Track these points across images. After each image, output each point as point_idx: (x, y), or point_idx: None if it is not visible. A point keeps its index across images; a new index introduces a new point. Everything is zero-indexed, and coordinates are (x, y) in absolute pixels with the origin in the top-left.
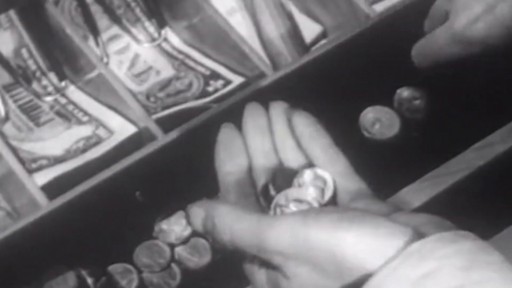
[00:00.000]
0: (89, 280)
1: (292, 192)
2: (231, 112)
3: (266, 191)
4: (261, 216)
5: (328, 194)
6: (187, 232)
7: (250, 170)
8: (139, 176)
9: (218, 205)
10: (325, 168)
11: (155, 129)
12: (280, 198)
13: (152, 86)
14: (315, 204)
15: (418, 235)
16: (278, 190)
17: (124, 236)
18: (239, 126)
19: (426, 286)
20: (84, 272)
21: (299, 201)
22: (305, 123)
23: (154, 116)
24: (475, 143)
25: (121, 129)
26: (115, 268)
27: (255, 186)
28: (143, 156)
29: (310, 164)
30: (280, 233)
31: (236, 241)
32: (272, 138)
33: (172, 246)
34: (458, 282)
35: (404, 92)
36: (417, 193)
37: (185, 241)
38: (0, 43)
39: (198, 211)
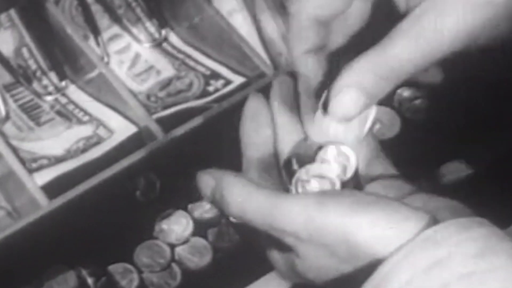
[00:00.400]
0: (90, 280)
1: (314, 168)
2: (232, 112)
3: (289, 165)
4: (273, 194)
5: (351, 172)
6: (188, 232)
7: (274, 142)
8: (139, 176)
9: (229, 177)
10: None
11: (155, 128)
12: (302, 173)
13: (153, 86)
14: (337, 181)
15: (433, 220)
16: (301, 164)
17: (124, 236)
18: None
19: (437, 272)
20: (84, 272)
21: (321, 177)
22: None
23: (155, 116)
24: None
25: (122, 129)
26: (115, 268)
27: (278, 159)
28: (143, 156)
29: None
30: (293, 215)
31: (246, 217)
32: (298, 112)
33: (172, 246)
34: (470, 269)
35: (405, 92)
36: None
37: (185, 241)
38: (1, 42)
39: (207, 179)
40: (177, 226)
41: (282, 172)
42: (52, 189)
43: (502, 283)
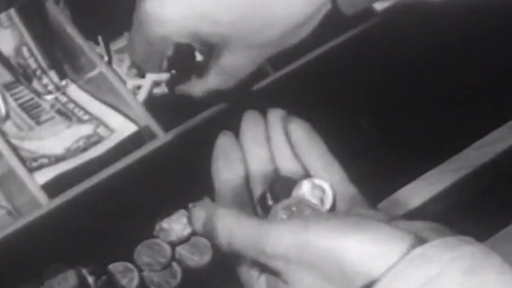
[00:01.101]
0: (90, 279)
1: (290, 202)
2: (232, 111)
3: (263, 201)
4: (262, 221)
5: (328, 203)
6: (188, 231)
7: (247, 179)
8: (139, 175)
9: (220, 208)
10: (321, 177)
11: (155, 127)
12: (278, 208)
13: None
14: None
15: (420, 240)
16: (276, 199)
17: (124, 235)
18: (239, 125)
19: None
20: (84, 271)
21: (299, 208)
22: (301, 132)
23: None
24: (475, 141)
25: (122, 127)
26: (115, 267)
27: (252, 195)
28: (143, 155)
29: (308, 174)
30: (282, 238)
31: (236, 244)
32: (269, 146)
33: (172, 245)
34: (462, 286)
35: None
36: (417, 192)
37: (185, 240)
38: (1, 41)
39: (199, 213)
40: (177, 225)
41: (256, 208)
42: (52, 188)
43: None
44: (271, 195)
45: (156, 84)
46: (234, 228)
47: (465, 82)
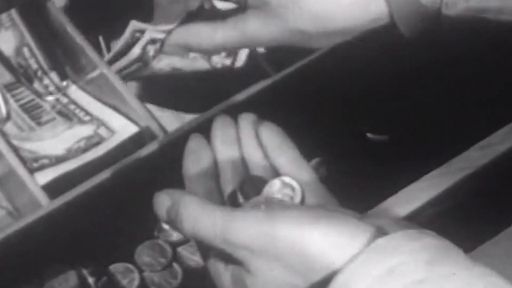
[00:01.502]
0: (90, 279)
1: (260, 200)
2: (231, 113)
3: (234, 199)
4: (227, 209)
5: (297, 201)
6: None
7: (217, 178)
8: (140, 176)
9: (185, 195)
10: (292, 176)
11: (156, 128)
12: (247, 206)
13: None
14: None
15: (383, 231)
16: (246, 198)
17: (125, 236)
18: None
19: (390, 280)
20: (85, 271)
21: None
22: (271, 134)
23: None
24: (476, 142)
25: (123, 128)
26: (116, 267)
27: (222, 194)
28: (144, 156)
29: (278, 174)
30: (246, 227)
31: (200, 232)
32: (240, 148)
33: (173, 245)
34: (422, 276)
35: None
36: (418, 192)
37: (186, 241)
38: (2, 42)
39: (164, 198)
40: None
41: (226, 206)
42: (53, 188)
43: None
44: (242, 193)
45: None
46: (199, 216)
47: (467, 84)
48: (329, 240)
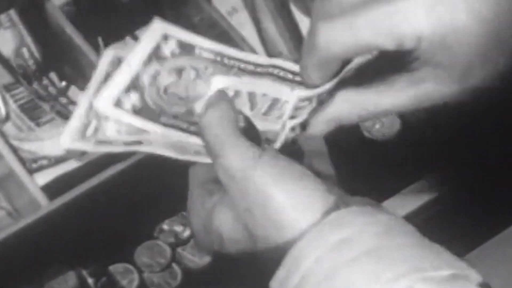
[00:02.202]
0: (90, 280)
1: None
2: None
3: None
4: (235, 134)
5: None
6: (188, 232)
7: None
8: (139, 176)
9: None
10: None
11: None
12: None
13: None
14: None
15: (342, 203)
16: None
17: (124, 236)
18: None
19: (342, 249)
20: (84, 272)
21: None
22: None
23: None
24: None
25: None
26: (115, 268)
27: None
28: (144, 156)
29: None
30: (233, 160)
31: (205, 131)
32: None
33: (173, 246)
34: (374, 245)
35: None
36: (418, 192)
37: (185, 241)
38: (1, 42)
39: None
40: (177, 226)
41: None
42: (52, 189)
43: (406, 258)
44: None
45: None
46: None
47: None
48: (291, 201)
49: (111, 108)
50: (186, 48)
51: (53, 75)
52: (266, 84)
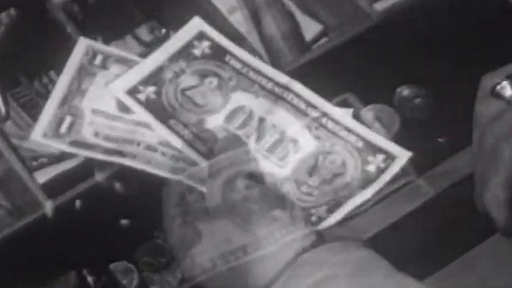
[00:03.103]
0: (90, 279)
1: None
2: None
3: None
4: None
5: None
6: None
7: None
8: (140, 175)
9: None
10: None
11: None
12: None
13: None
14: None
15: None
16: None
17: (125, 235)
18: None
19: None
20: (85, 271)
21: None
22: None
23: None
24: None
25: None
26: (116, 267)
27: None
28: None
29: None
30: None
31: None
32: None
33: None
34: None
35: (404, 91)
36: (417, 192)
37: None
38: None
39: None
40: None
41: None
42: (52, 187)
43: None
44: None
45: None
46: None
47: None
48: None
49: (123, 94)
50: (217, 52)
51: (53, 74)
52: (278, 114)
